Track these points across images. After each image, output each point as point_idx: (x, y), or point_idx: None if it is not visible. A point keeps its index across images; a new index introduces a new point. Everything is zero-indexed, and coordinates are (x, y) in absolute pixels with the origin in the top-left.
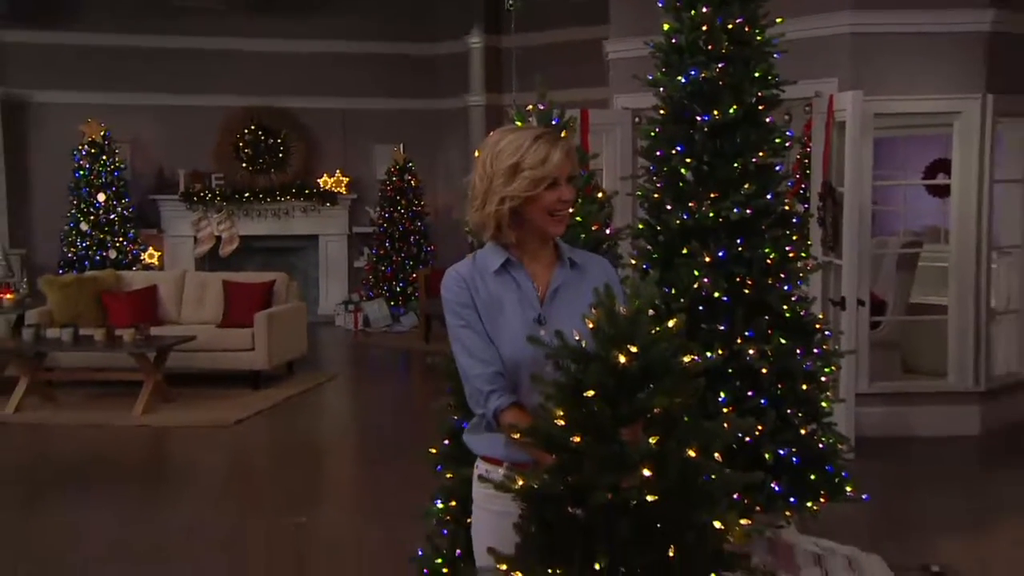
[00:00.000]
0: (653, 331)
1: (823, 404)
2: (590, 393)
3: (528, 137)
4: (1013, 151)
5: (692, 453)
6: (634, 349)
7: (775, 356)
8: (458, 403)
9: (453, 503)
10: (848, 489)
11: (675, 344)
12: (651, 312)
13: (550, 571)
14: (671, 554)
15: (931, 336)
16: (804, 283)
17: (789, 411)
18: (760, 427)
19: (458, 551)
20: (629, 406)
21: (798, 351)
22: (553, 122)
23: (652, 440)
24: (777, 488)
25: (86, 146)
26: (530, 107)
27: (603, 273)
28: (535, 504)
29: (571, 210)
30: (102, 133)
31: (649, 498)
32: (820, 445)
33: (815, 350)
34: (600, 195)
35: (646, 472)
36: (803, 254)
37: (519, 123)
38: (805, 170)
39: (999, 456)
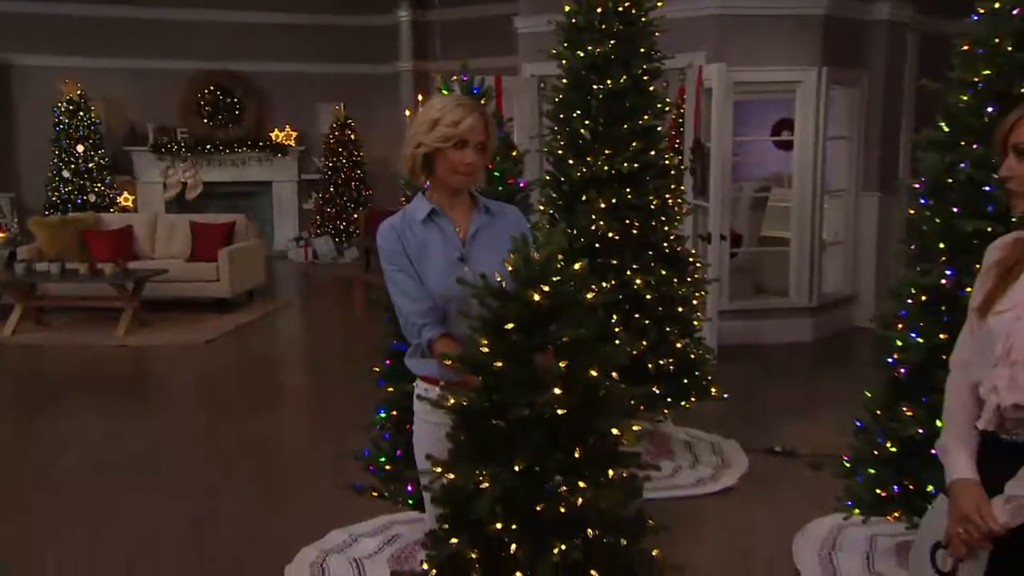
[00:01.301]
0: (561, 273)
1: (695, 323)
2: (509, 326)
3: (452, 102)
4: (842, 113)
5: (594, 373)
6: (546, 288)
7: (657, 284)
8: (396, 331)
9: (394, 412)
10: (713, 390)
11: (580, 283)
12: (559, 256)
13: (478, 472)
14: (577, 455)
15: (777, 263)
16: (680, 223)
17: (668, 329)
18: (644, 343)
19: (398, 452)
20: (542, 336)
21: (675, 280)
22: (474, 91)
23: (562, 364)
24: (657, 392)
25: (64, 103)
26: (455, 77)
27: (515, 218)
28: (465, 418)
29: (480, 170)
30: (78, 92)
31: (559, 412)
32: (692, 356)
33: (688, 279)
34: (514, 153)
35: (557, 391)
36: (679, 200)
37: (445, 91)
38: (679, 128)
39: (826, 358)
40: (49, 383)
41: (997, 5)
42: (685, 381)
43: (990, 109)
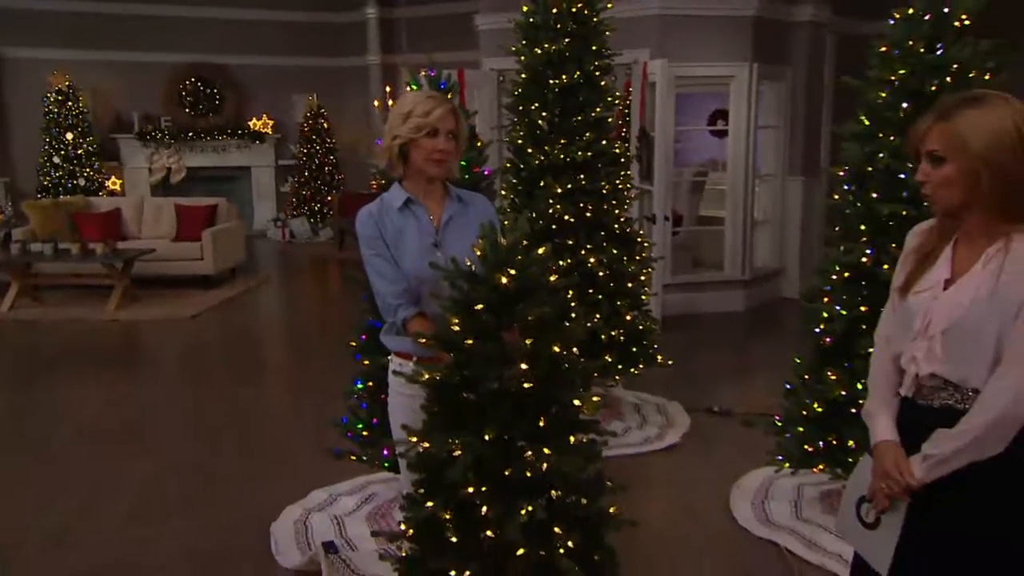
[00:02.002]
0: (526, 257)
1: (643, 297)
2: (479, 306)
3: (423, 95)
4: (770, 105)
5: (557, 349)
6: (512, 271)
7: (609, 263)
8: (371, 308)
9: (370, 383)
10: (659, 357)
11: (544, 267)
12: (524, 242)
13: (451, 441)
14: (541, 424)
15: (713, 240)
16: (629, 207)
17: (619, 303)
18: (598, 316)
19: (375, 420)
20: (509, 315)
21: (625, 258)
22: (442, 85)
23: (527, 341)
24: (610, 360)
25: (54, 94)
26: (423, 73)
27: (484, 207)
28: (438, 391)
29: (453, 158)
30: (67, 83)
31: (526, 385)
32: (640, 327)
33: (637, 257)
34: (479, 143)
35: (523, 366)
36: (628, 185)
37: (415, 87)
38: (626, 119)
39: (757, 326)
40: (45, 356)
41: (911, 11)
42: (634, 350)
43: (905, 105)
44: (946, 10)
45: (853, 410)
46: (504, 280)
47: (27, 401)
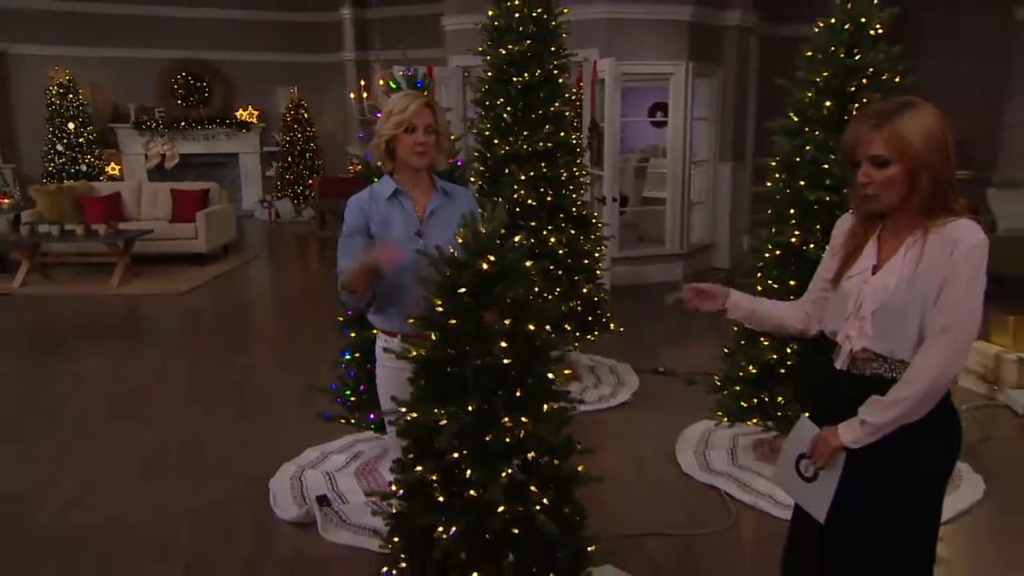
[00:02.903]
0: (504, 244)
1: (597, 271)
2: (462, 290)
3: (401, 95)
4: (704, 99)
5: (532, 327)
6: (492, 258)
7: (568, 241)
8: None
9: (357, 354)
10: (612, 325)
11: (519, 253)
12: (502, 231)
13: (437, 411)
14: (519, 395)
15: (655, 218)
16: (585, 192)
17: (576, 277)
18: (559, 289)
19: (361, 387)
20: (489, 298)
21: (581, 237)
22: (418, 84)
23: (506, 321)
24: (569, 328)
25: (56, 87)
26: (401, 72)
27: (467, 200)
28: (425, 366)
29: (434, 150)
30: (67, 77)
31: (505, 361)
32: (595, 298)
33: (592, 236)
34: (453, 137)
35: (503, 344)
36: (583, 172)
37: (394, 86)
38: (577, 111)
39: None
40: (55, 327)
41: (833, 20)
42: (590, 318)
43: (828, 103)
44: (863, 20)
45: (782, 371)
46: (484, 265)
47: (41, 369)
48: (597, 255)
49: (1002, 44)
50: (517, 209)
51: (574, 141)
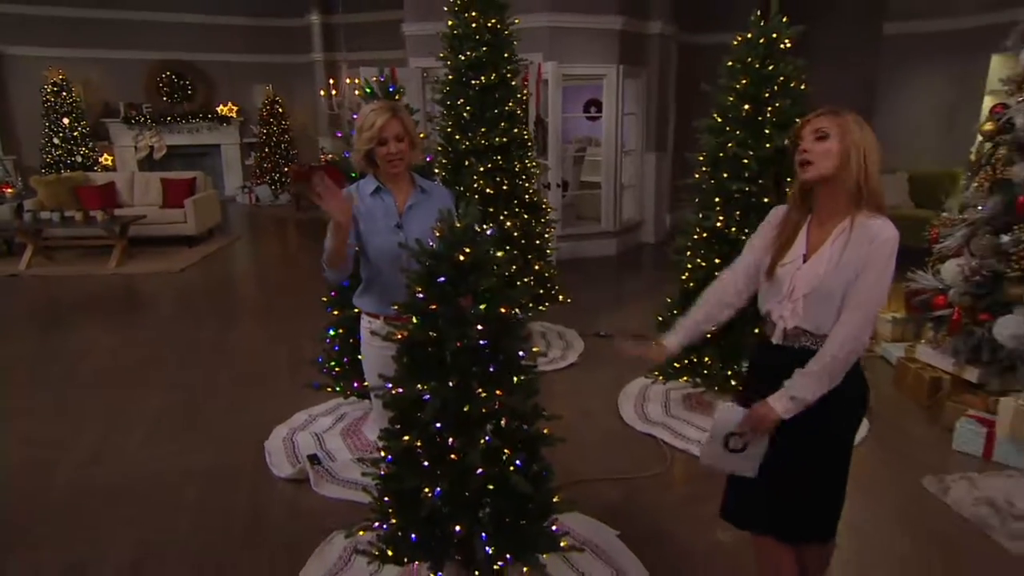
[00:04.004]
0: (478, 237)
1: (547, 251)
2: (441, 279)
3: (369, 110)
4: (632, 97)
5: (504, 311)
6: (467, 249)
7: (522, 225)
8: None
9: (341, 330)
10: (561, 297)
11: (490, 244)
12: (476, 226)
13: (420, 386)
14: (492, 371)
15: (592, 200)
16: (536, 181)
17: (529, 256)
18: (514, 267)
19: (345, 359)
20: (465, 285)
21: (533, 221)
22: (391, 89)
23: (482, 306)
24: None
25: (50, 86)
26: (374, 78)
27: (443, 196)
28: (408, 347)
29: (407, 154)
30: (60, 77)
31: (480, 341)
32: (545, 273)
33: (542, 219)
34: (421, 135)
35: (479, 327)
36: (534, 163)
37: (368, 90)
38: (524, 108)
39: (626, 266)
40: (60, 305)
41: (749, 36)
42: (541, 292)
43: (747, 106)
44: (774, 36)
45: (708, 336)
46: (461, 256)
47: (50, 343)
48: (547, 236)
49: (872, 55)
50: (476, 197)
51: (526, 136)
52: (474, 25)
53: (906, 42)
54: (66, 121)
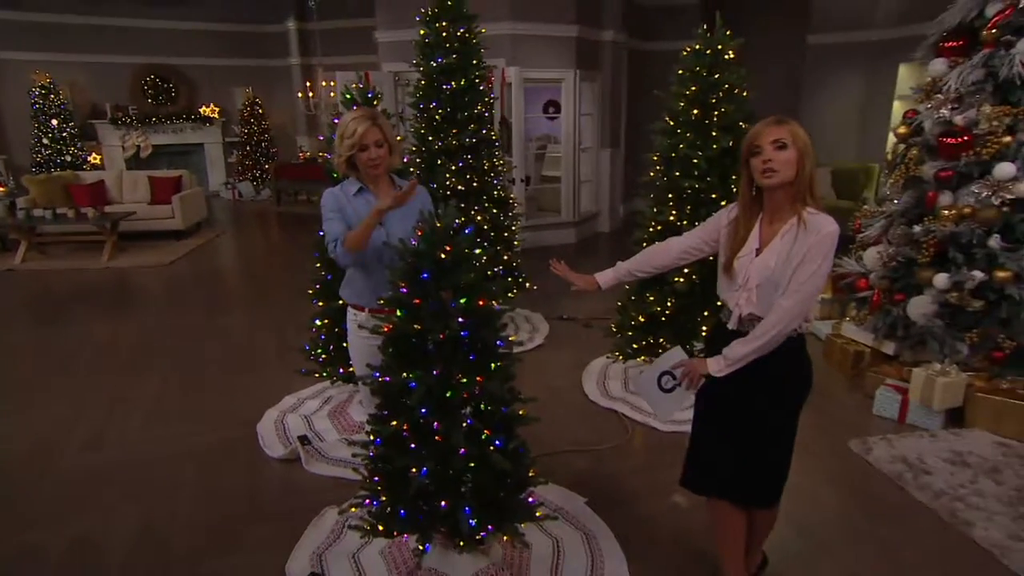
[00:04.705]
0: (457, 236)
1: (515, 242)
2: (424, 275)
3: (350, 119)
4: (588, 98)
5: (482, 303)
6: (448, 248)
7: (492, 220)
8: (324, 264)
9: (326, 320)
10: (528, 284)
11: (470, 243)
12: (455, 225)
13: (405, 374)
14: (472, 359)
15: (552, 193)
16: (504, 179)
17: (499, 248)
18: (485, 258)
19: (331, 346)
20: (446, 280)
21: (502, 216)
22: (369, 95)
23: (462, 300)
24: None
25: (38, 88)
26: (354, 84)
27: (423, 197)
28: (394, 338)
29: (387, 158)
30: (48, 80)
31: (461, 332)
32: (513, 264)
33: (510, 213)
34: (399, 138)
35: (459, 319)
36: (502, 162)
37: (348, 96)
38: (490, 109)
39: (585, 254)
40: (56, 297)
41: (698, 47)
42: (510, 279)
43: (696, 111)
44: (719, 47)
45: (663, 319)
46: (442, 254)
47: (49, 334)
48: (514, 228)
49: (798, 61)
50: (448, 193)
51: (493, 137)
52: (444, 34)
53: (827, 51)
54: (55, 122)
